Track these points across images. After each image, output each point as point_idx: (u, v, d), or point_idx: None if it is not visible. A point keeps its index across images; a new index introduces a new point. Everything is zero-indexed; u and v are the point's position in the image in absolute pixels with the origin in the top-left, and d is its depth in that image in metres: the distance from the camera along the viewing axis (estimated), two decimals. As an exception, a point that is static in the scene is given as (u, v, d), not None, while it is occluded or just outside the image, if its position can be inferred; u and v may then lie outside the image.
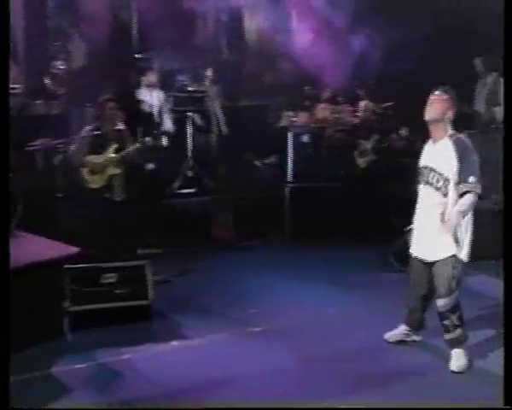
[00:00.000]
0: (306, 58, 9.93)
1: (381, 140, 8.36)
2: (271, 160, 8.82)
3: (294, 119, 9.06)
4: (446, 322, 4.33)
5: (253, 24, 10.45)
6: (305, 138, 8.25)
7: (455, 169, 4.17)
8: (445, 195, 4.22)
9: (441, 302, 4.31)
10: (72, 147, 6.50)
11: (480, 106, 7.73)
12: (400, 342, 4.69)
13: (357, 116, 8.92)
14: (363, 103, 8.78)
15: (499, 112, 7.55)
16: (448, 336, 4.37)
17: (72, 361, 4.38)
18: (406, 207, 5.03)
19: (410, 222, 4.66)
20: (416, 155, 4.67)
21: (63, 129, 7.20)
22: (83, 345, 4.66)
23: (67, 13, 8.90)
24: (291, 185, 8.11)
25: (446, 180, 4.20)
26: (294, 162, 8.19)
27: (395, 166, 8.49)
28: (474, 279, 5.80)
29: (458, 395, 3.90)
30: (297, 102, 9.53)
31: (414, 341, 4.72)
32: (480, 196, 4.21)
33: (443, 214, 4.16)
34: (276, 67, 10.39)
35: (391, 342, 4.68)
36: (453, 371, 4.23)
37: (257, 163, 8.81)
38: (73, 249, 4.94)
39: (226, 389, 3.99)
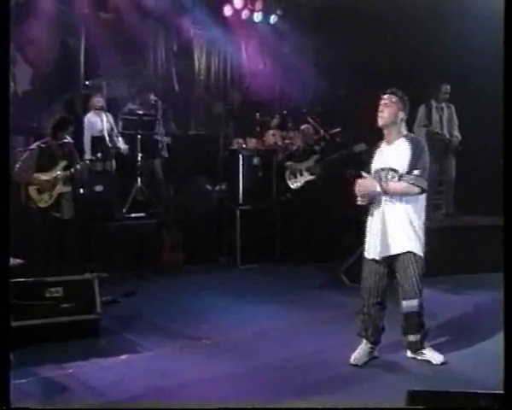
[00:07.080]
0: (256, 85, 10.09)
1: (320, 160, 8.23)
2: (222, 184, 8.75)
3: (244, 145, 9.09)
4: (414, 322, 4.26)
5: (204, 53, 10.49)
6: (256, 161, 8.25)
7: (407, 164, 4.19)
8: None
9: (412, 303, 4.21)
10: (18, 164, 6.20)
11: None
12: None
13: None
14: (303, 127, 8.84)
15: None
16: (412, 338, 4.30)
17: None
18: (355, 226, 5.06)
19: (359, 240, 4.60)
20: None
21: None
22: (24, 361, 4.37)
23: (12, 36, 8.69)
24: (241, 208, 8.05)
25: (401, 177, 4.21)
26: (245, 185, 8.15)
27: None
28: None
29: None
30: (247, 129, 9.56)
31: (375, 358, 4.42)
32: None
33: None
34: (227, 95, 10.45)
35: (359, 366, 4.29)
36: (442, 364, 4.22)
37: (208, 187, 8.72)
38: (17, 261, 4.69)
39: (177, 396, 3.87)
